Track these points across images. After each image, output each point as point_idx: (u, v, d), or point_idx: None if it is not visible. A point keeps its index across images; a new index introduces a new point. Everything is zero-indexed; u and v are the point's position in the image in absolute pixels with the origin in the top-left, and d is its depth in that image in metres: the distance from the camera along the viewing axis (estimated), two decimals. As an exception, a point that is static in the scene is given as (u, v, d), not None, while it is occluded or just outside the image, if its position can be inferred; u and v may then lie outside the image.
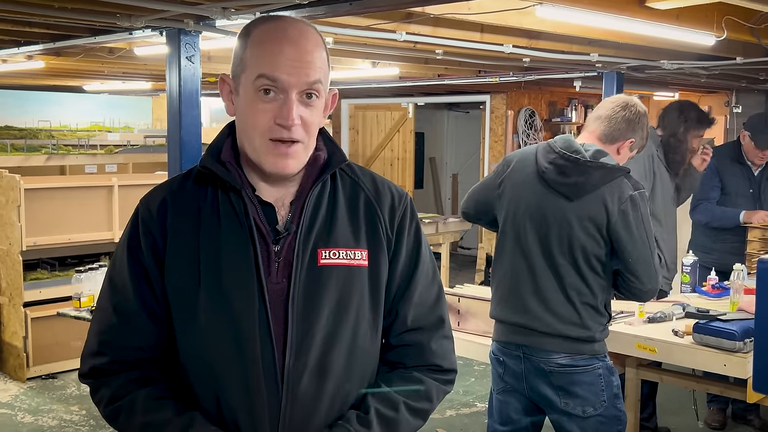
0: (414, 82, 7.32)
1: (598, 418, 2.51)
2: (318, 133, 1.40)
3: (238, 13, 3.54)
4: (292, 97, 1.30)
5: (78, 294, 4.02)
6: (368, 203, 1.41)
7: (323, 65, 1.34)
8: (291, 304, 1.32)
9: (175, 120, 3.98)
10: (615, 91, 5.93)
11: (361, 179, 1.44)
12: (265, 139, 1.32)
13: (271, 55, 1.30)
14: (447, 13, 3.68)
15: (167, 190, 1.40)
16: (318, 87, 1.33)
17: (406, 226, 1.44)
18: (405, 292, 1.43)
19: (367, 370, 1.41)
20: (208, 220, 1.36)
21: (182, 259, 1.35)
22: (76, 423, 4.40)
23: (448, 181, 11.15)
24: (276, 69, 1.30)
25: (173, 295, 1.35)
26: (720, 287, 3.66)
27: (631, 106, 2.59)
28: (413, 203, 1.49)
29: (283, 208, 1.37)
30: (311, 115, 1.33)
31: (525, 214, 2.56)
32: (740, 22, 3.95)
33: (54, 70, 6.87)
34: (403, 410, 1.38)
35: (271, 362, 1.31)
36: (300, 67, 1.30)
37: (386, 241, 1.41)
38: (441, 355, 1.45)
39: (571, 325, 2.49)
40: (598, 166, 2.48)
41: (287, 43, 1.31)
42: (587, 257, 2.48)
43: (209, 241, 1.34)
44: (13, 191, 4.97)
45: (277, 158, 1.32)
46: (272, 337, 1.31)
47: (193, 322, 1.34)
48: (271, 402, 1.31)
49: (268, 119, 1.31)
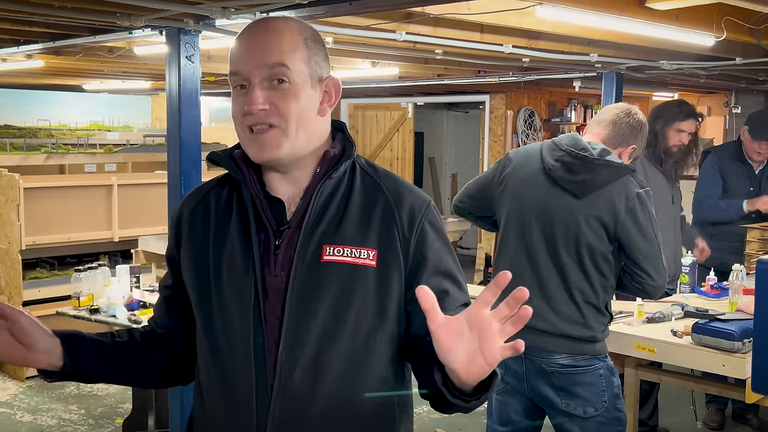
0: (413, 82, 7.31)
1: (599, 418, 2.51)
2: (339, 131, 1.45)
3: (238, 12, 3.54)
4: (254, 82, 1.34)
5: (77, 293, 4.02)
6: (386, 205, 1.39)
7: (293, 50, 1.35)
8: (288, 296, 1.33)
9: (175, 119, 3.97)
10: (614, 91, 5.93)
11: (383, 183, 1.42)
12: (244, 129, 1.37)
13: (237, 49, 1.37)
14: (447, 13, 3.68)
15: (188, 194, 1.52)
16: (283, 71, 1.34)
17: (430, 233, 1.40)
18: (442, 301, 1.33)
19: (374, 376, 1.37)
20: (220, 214, 1.43)
21: (194, 253, 1.42)
22: (75, 422, 4.40)
23: (447, 181, 11.16)
24: (238, 61, 1.36)
25: (189, 284, 1.44)
26: (719, 287, 3.67)
27: (634, 113, 2.65)
28: (437, 209, 1.46)
29: (293, 204, 1.40)
30: (284, 99, 1.34)
31: (530, 211, 2.56)
32: (740, 23, 3.95)
33: (53, 69, 6.87)
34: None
35: (261, 353, 1.33)
36: (258, 53, 1.34)
37: (402, 244, 1.37)
38: None
39: (574, 324, 2.50)
40: (606, 164, 2.50)
41: (251, 34, 1.38)
42: (593, 256, 2.49)
43: (219, 234, 1.40)
44: (12, 190, 4.97)
45: (254, 145, 1.36)
46: (264, 327, 1.33)
47: (200, 311, 1.41)
48: (261, 394, 1.33)
49: (241, 110, 1.36)
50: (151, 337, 1.53)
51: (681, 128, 3.75)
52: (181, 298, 1.48)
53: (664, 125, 3.76)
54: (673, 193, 3.84)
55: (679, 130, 3.75)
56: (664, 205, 3.71)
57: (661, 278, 2.53)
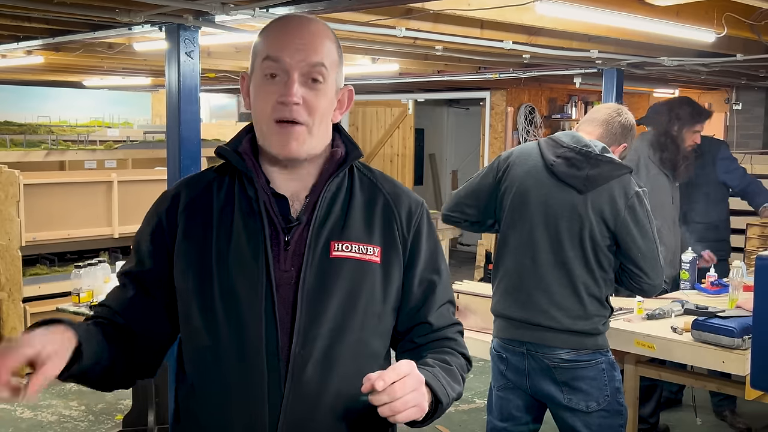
0: (414, 78, 7.31)
1: (600, 412, 2.53)
2: (337, 132, 1.46)
3: (237, 8, 3.54)
4: (293, 76, 1.35)
5: (77, 289, 4.02)
6: (386, 204, 1.45)
7: (330, 54, 1.39)
8: (300, 291, 1.34)
9: (175, 116, 3.97)
10: (615, 87, 5.94)
11: (380, 183, 1.48)
12: (270, 121, 1.36)
13: (276, 38, 1.37)
14: (447, 9, 3.67)
15: (184, 182, 1.48)
16: (322, 71, 1.37)
17: (424, 232, 1.47)
18: (429, 298, 1.46)
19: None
20: (221, 208, 1.40)
21: (193, 243, 1.39)
22: (75, 418, 4.40)
23: (447, 177, 11.16)
24: (279, 50, 1.36)
25: (184, 276, 1.39)
26: (719, 284, 3.67)
27: (625, 113, 2.70)
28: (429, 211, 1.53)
29: (297, 201, 1.41)
30: (316, 98, 1.37)
31: (532, 207, 2.57)
32: (740, 19, 3.95)
33: (53, 66, 6.87)
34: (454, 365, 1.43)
35: (274, 346, 1.33)
36: (302, 49, 1.36)
37: (401, 242, 1.44)
38: (463, 346, 1.51)
39: (577, 319, 2.51)
40: (608, 161, 2.54)
41: (292, 28, 1.38)
42: (596, 250, 2.51)
43: (222, 228, 1.39)
44: (12, 186, 4.97)
45: (281, 138, 1.36)
46: (276, 321, 1.33)
47: (200, 303, 1.37)
48: (272, 388, 1.32)
49: (273, 100, 1.35)
50: (114, 329, 1.42)
51: (696, 129, 3.74)
52: (159, 287, 1.42)
53: (680, 128, 3.71)
54: (673, 193, 3.83)
55: (695, 131, 3.73)
56: (665, 206, 3.70)
57: (659, 278, 2.55)
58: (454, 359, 1.45)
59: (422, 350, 1.45)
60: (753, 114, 8.38)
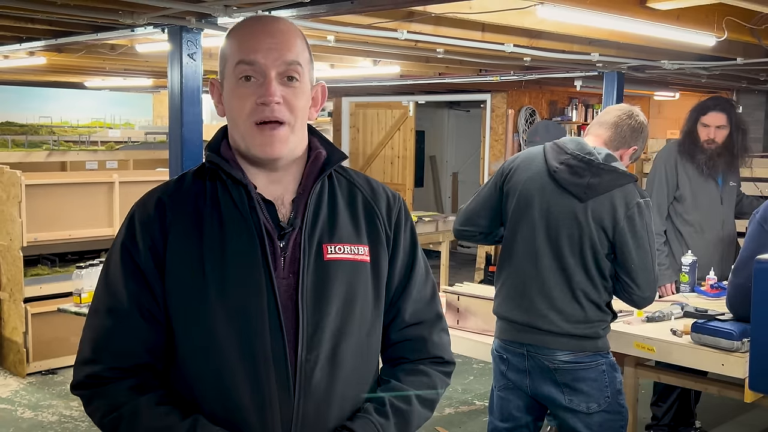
0: (415, 80, 7.32)
1: (602, 414, 2.53)
2: (312, 135, 1.45)
3: (240, 10, 3.56)
4: (270, 75, 1.33)
5: (78, 290, 4.03)
6: (366, 202, 1.45)
7: (302, 52, 1.38)
8: (301, 298, 1.33)
9: (177, 117, 3.99)
10: (616, 90, 5.95)
11: (356, 180, 1.48)
12: (251, 123, 1.34)
13: (248, 42, 1.35)
14: (448, 12, 3.69)
15: (162, 192, 1.40)
16: (297, 68, 1.36)
17: (402, 224, 1.49)
18: (405, 288, 1.47)
19: (372, 366, 1.44)
20: (210, 217, 1.36)
21: (185, 258, 1.34)
22: (76, 419, 4.41)
23: (448, 179, 11.16)
24: (252, 52, 1.34)
25: (176, 294, 1.34)
26: (719, 287, 3.67)
27: (635, 115, 2.67)
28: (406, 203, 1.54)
29: (283, 206, 1.39)
30: (295, 96, 1.36)
31: (534, 212, 2.58)
32: (741, 23, 3.96)
33: (55, 67, 6.89)
34: (415, 402, 1.43)
35: (282, 357, 1.31)
36: (275, 48, 1.34)
37: (385, 238, 1.45)
38: (442, 347, 1.50)
39: (577, 323, 2.52)
40: (611, 170, 2.52)
41: (262, 30, 1.37)
42: (597, 257, 2.51)
43: (212, 239, 1.34)
44: (14, 187, 4.98)
45: (264, 140, 1.34)
46: (283, 331, 1.32)
47: (198, 320, 1.32)
48: (283, 397, 1.32)
49: (251, 103, 1.33)
50: (160, 382, 1.36)
51: (704, 122, 3.76)
52: (161, 311, 1.35)
53: (689, 121, 3.81)
54: (723, 194, 3.83)
55: (705, 124, 3.76)
56: (713, 209, 3.78)
57: (650, 291, 2.54)
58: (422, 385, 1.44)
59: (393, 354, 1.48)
60: (753, 117, 8.39)
